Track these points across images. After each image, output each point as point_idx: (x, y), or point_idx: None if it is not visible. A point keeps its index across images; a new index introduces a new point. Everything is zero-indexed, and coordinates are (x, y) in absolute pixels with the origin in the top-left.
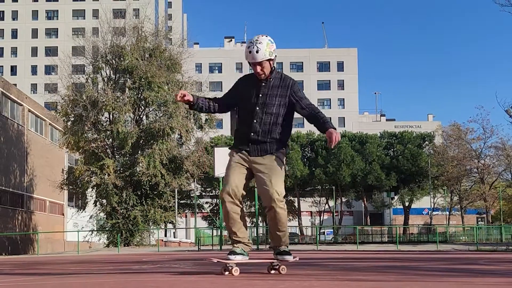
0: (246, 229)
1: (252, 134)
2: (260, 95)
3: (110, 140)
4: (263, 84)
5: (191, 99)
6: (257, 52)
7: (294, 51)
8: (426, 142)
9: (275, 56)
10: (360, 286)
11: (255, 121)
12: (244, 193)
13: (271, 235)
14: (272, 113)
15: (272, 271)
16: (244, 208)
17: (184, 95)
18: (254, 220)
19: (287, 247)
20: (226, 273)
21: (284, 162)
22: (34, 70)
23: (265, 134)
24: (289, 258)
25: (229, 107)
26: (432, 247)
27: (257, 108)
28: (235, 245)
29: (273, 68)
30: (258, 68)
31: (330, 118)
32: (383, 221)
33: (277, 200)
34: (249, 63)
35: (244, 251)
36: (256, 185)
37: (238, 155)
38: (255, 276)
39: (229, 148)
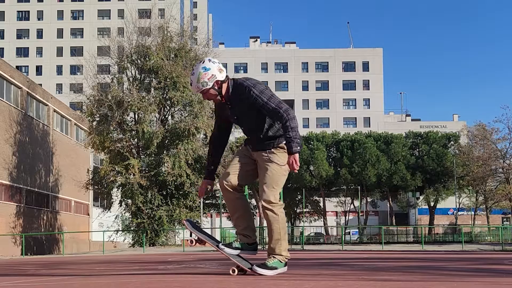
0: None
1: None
2: (235, 117)
3: (136, 140)
4: (229, 105)
5: (212, 183)
6: (191, 84)
7: (319, 51)
8: (452, 142)
9: (217, 80)
10: (385, 286)
11: (242, 127)
12: (240, 182)
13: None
14: (251, 124)
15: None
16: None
17: (203, 192)
18: None
19: (275, 259)
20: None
21: (280, 159)
22: (59, 70)
23: (254, 134)
24: (264, 271)
25: (227, 129)
26: (457, 247)
27: (237, 123)
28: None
29: (221, 91)
30: (204, 97)
31: (356, 118)
32: (408, 221)
33: (264, 202)
34: None
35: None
36: None
37: (245, 146)
38: (280, 275)
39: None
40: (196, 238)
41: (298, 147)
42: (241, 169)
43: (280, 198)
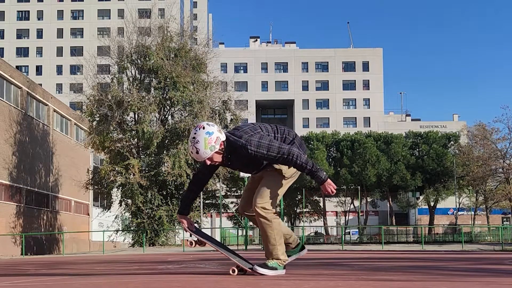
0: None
1: None
2: (237, 169)
3: (136, 140)
4: (229, 163)
5: (192, 226)
6: (197, 153)
7: (319, 51)
8: (452, 142)
9: (221, 141)
10: (385, 286)
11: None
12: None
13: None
14: (253, 169)
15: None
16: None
17: (193, 225)
18: None
19: (274, 261)
20: (234, 273)
21: (283, 169)
22: (59, 70)
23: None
24: (265, 271)
25: (211, 170)
26: (457, 247)
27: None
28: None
29: (223, 150)
30: (208, 162)
31: (356, 118)
32: (408, 221)
33: (256, 208)
34: None
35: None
36: None
37: None
38: (280, 276)
39: None
40: (195, 239)
41: (324, 173)
42: (251, 192)
43: (277, 206)
